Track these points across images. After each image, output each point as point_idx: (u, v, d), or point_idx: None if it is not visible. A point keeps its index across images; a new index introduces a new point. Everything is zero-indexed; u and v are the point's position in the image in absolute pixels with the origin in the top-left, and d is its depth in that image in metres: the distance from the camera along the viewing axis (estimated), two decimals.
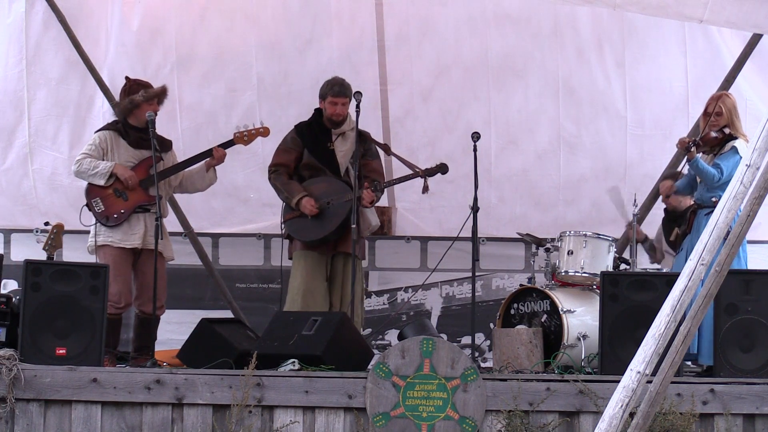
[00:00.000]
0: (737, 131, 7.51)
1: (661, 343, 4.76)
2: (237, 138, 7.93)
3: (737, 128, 7.52)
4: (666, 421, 6.25)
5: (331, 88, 7.87)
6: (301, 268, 7.82)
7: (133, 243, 7.63)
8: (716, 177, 7.34)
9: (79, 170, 7.71)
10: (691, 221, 7.62)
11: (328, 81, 7.92)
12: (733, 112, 7.54)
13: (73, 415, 6.40)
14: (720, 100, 7.55)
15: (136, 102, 7.72)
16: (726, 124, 7.51)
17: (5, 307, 6.91)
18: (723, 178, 7.30)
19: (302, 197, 7.76)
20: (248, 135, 7.94)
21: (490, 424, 6.41)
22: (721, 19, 5.67)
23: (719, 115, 7.50)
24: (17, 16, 9.04)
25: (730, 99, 7.61)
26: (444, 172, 7.84)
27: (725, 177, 7.27)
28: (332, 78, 7.94)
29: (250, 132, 7.94)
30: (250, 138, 7.95)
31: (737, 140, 7.45)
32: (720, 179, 7.33)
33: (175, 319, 8.81)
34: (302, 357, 6.63)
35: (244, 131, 7.93)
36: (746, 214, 4.80)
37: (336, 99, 7.83)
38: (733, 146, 7.42)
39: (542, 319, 7.52)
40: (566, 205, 9.59)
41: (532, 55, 9.27)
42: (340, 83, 7.87)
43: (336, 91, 7.84)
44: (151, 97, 7.74)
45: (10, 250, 9.48)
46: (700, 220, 7.49)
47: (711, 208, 7.36)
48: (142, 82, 7.86)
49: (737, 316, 6.74)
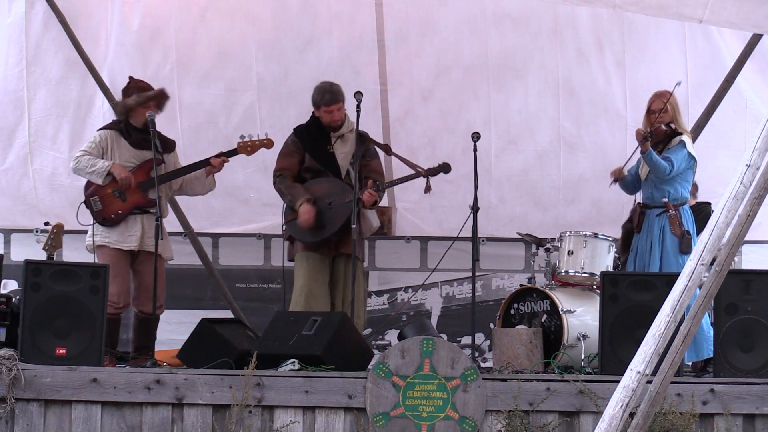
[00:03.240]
0: (681, 127, 7.77)
1: (661, 343, 4.76)
2: (240, 147, 7.91)
3: (680, 124, 7.79)
4: (666, 421, 6.25)
5: (322, 97, 7.80)
6: (304, 270, 7.81)
7: (130, 245, 7.64)
8: (668, 169, 7.54)
9: (77, 167, 7.71)
10: (639, 221, 7.69)
11: (317, 89, 7.84)
12: (676, 109, 7.78)
13: (73, 415, 6.40)
14: (663, 97, 7.74)
15: (129, 106, 7.73)
16: (671, 120, 7.69)
17: (5, 307, 6.92)
18: (674, 171, 7.54)
19: (303, 203, 7.74)
20: (252, 145, 7.93)
21: (490, 424, 6.42)
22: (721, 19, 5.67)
23: (664, 111, 7.69)
24: (17, 16, 9.04)
25: (673, 96, 7.74)
26: (447, 171, 7.84)
27: (676, 170, 7.54)
28: (320, 86, 7.86)
29: (254, 143, 7.93)
30: (253, 148, 7.94)
31: (683, 135, 7.70)
32: (671, 172, 7.54)
33: (175, 319, 8.81)
34: (302, 357, 6.63)
35: (248, 141, 7.91)
36: (746, 214, 4.79)
37: (330, 107, 7.80)
38: (681, 140, 7.68)
39: (542, 319, 7.52)
40: (566, 205, 9.59)
41: (532, 55, 9.27)
42: (329, 90, 7.80)
43: (327, 99, 7.79)
44: (143, 102, 7.71)
45: (10, 250, 9.49)
46: (651, 221, 7.64)
47: (661, 208, 7.50)
48: (140, 84, 7.85)
49: (737, 316, 6.74)
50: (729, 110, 8.95)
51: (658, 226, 7.59)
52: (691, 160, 7.62)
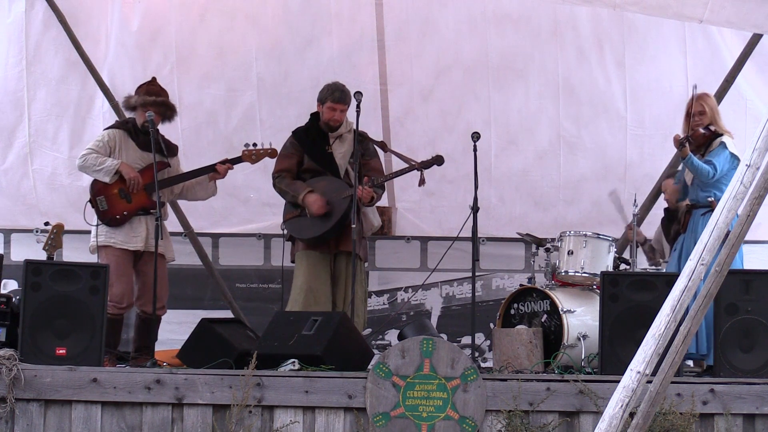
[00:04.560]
0: (721, 128, 7.61)
1: (661, 343, 4.76)
2: (245, 155, 7.95)
3: (720, 125, 7.63)
4: (666, 421, 6.25)
5: (331, 93, 7.84)
6: (304, 268, 7.80)
7: (136, 245, 7.64)
8: (711, 173, 7.41)
9: (84, 165, 7.68)
10: (685, 221, 7.65)
11: (328, 85, 7.90)
12: (715, 110, 7.67)
13: (73, 415, 6.40)
14: (702, 99, 7.63)
15: (131, 105, 7.75)
16: (710, 122, 7.58)
17: (5, 307, 6.92)
18: (717, 173, 7.40)
19: (307, 193, 7.75)
20: (256, 154, 7.98)
21: (490, 424, 6.41)
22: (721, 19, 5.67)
23: (703, 114, 7.59)
24: (17, 16, 9.05)
25: (710, 98, 7.70)
26: (440, 163, 7.84)
27: (719, 173, 7.40)
28: (333, 83, 7.91)
29: (258, 151, 7.98)
30: (258, 157, 7.99)
31: (723, 136, 7.56)
32: (714, 175, 7.41)
33: (175, 319, 8.80)
34: (302, 357, 6.63)
35: (252, 150, 7.97)
36: (746, 214, 4.79)
37: (335, 105, 7.82)
38: (722, 142, 7.53)
39: (542, 319, 7.52)
40: (566, 205, 9.59)
41: (532, 55, 9.27)
42: (341, 89, 7.84)
43: (336, 97, 7.82)
44: (143, 104, 7.71)
45: (10, 250, 9.49)
46: (696, 220, 7.54)
47: (706, 208, 7.43)
48: (152, 90, 7.84)
49: (737, 316, 6.74)
50: (729, 110, 8.93)
51: (703, 225, 7.50)
52: (735, 160, 7.39)
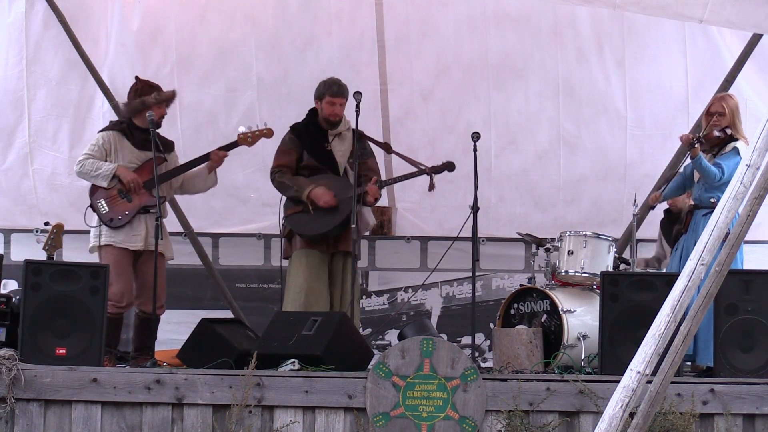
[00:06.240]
0: (738, 133, 7.53)
1: (661, 343, 4.76)
2: (241, 139, 7.92)
3: (738, 130, 7.55)
4: (666, 421, 6.25)
5: (329, 87, 7.84)
6: (303, 267, 7.78)
7: (136, 245, 7.63)
8: (717, 176, 7.36)
9: (82, 171, 7.69)
10: (687, 221, 7.64)
11: (324, 81, 7.90)
12: (736, 114, 7.57)
13: (73, 415, 6.40)
14: (723, 101, 7.58)
15: (148, 104, 7.71)
16: (728, 125, 7.53)
17: (5, 307, 6.92)
18: (724, 177, 7.31)
19: (313, 188, 7.72)
20: (252, 136, 7.93)
21: (490, 424, 6.41)
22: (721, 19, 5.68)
23: (722, 115, 7.53)
24: (17, 16, 9.04)
25: (733, 100, 7.64)
26: (451, 169, 7.86)
27: (726, 177, 7.29)
28: (329, 78, 7.92)
29: (254, 133, 7.94)
30: (254, 139, 7.95)
31: (738, 141, 7.47)
32: (721, 179, 7.34)
33: (175, 319, 8.81)
34: (302, 357, 6.63)
35: (248, 132, 7.92)
36: (746, 214, 4.80)
37: (334, 99, 7.82)
38: (735, 147, 7.45)
39: (542, 319, 7.52)
40: (566, 205, 9.59)
41: (532, 55, 9.27)
42: (338, 83, 7.85)
43: (334, 91, 7.82)
44: (163, 101, 7.74)
45: (10, 250, 9.48)
46: (698, 221, 7.51)
47: (709, 209, 7.39)
48: (153, 84, 7.84)
49: (737, 316, 6.74)
50: None
51: (704, 226, 7.46)
52: None
